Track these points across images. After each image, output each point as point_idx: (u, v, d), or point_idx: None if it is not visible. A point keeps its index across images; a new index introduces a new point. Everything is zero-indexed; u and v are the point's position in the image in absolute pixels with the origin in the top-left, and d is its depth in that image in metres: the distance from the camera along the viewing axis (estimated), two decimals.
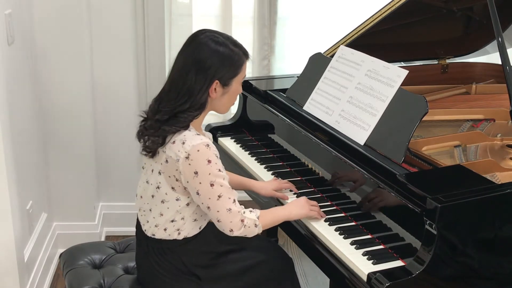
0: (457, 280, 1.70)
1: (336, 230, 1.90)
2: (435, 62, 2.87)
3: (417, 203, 1.69)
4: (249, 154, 2.47)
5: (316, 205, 1.99)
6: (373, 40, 2.52)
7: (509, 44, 2.49)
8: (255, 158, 2.42)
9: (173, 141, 1.79)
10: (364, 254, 1.77)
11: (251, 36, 3.24)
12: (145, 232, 1.93)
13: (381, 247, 1.81)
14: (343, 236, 1.87)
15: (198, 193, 1.79)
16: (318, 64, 2.38)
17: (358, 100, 2.11)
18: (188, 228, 1.89)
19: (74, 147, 3.03)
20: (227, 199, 1.81)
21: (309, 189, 2.17)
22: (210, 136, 2.01)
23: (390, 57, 2.33)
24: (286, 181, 2.18)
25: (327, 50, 2.57)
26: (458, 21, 2.76)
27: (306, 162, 2.26)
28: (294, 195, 2.13)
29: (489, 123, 2.39)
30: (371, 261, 1.74)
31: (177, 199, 1.84)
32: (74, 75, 2.92)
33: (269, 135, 2.50)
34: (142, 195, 1.94)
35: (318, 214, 1.96)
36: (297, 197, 2.10)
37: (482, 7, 2.60)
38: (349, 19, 2.97)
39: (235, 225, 1.82)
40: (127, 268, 2.11)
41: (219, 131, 2.64)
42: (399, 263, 1.72)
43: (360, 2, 3.21)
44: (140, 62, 3.14)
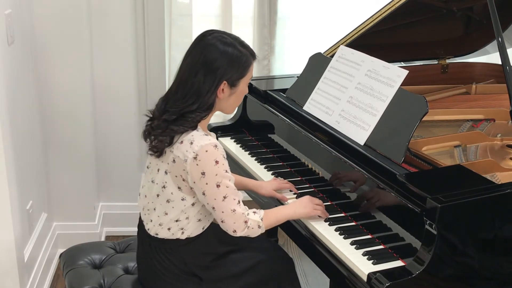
0: (457, 280, 1.70)
1: (336, 230, 1.90)
2: (435, 62, 2.87)
3: (417, 203, 1.69)
4: (249, 154, 2.47)
5: (321, 204, 1.99)
6: (373, 40, 2.52)
7: (509, 44, 2.49)
8: (255, 158, 2.42)
9: (181, 141, 1.79)
10: (364, 254, 1.77)
11: (251, 36, 3.24)
12: (148, 231, 1.93)
13: (381, 247, 1.81)
14: (343, 236, 1.87)
15: (204, 194, 1.79)
16: (318, 64, 2.38)
17: (358, 100, 2.11)
18: (192, 228, 1.89)
19: (74, 147, 3.03)
20: (232, 200, 1.81)
21: (309, 189, 2.17)
22: (214, 136, 2.01)
23: (390, 57, 2.33)
24: (286, 181, 2.18)
25: (327, 50, 2.57)
26: (458, 21, 2.76)
27: (306, 162, 2.26)
28: (294, 195, 2.13)
29: (489, 123, 2.39)
30: (371, 261, 1.73)
31: (183, 199, 1.84)
32: (74, 75, 2.92)
33: (269, 135, 2.50)
34: (147, 194, 1.94)
35: (322, 213, 1.96)
36: (297, 198, 2.10)
37: (482, 7, 2.60)
38: (349, 19, 2.97)
39: (239, 226, 1.83)
40: (127, 268, 2.11)
41: (219, 131, 2.64)
42: (399, 263, 1.72)
43: (360, 2, 3.21)
44: (140, 62, 3.14)
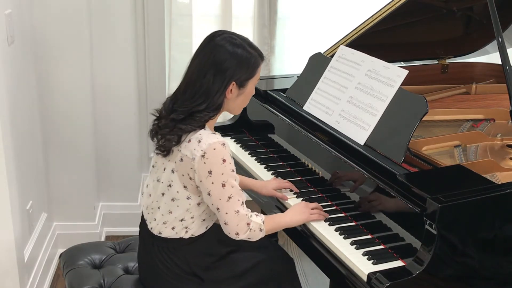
0: (457, 280, 1.70)
1: (336, 230, 1.90)
2: (435, 62, 2.87)
3: (417, 203, 1.69)
4: (249, 154, 2.47)
5: (317, 207, 1.98)
6: (373, 40, 2.52)
7: (509, 44, 2.48)
8: (255, 158, 2.42)
9: (189, 140, 1.80)
10: (364, 254, 1.77)
11: (251, 36, 3.25)
12: (151, 230, 1.93)
13: (381, 247, 1.81)
14: (343, 236, 1.87)
15: (209, 194, 1.79)
16: (318, 64, 2.38)
17: (358, 100, 2.11)
18: (196, 227, 1.89)
19: (74, 147, 3.03)
20: (236, 201, 1.81)
21: (309, 189, 2.17)
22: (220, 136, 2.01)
23: (390, 57, 2.33)
24: (286, 181, 2.18)
25: (327, 50, 2.57)
26: (458, 21, 2.76)
27: (306, 162, 2.26)
28: (294, 195, 2.13)
29: (489, 123, 2.39)
30: (371, 261, 1.73)
31: (188, 198, 1.84)
32: (74, 75, 2.92)
33: (269, 135, 2.50)
34: (151, 193, 1.94)
35: (320, 216, 1.96)
36: (297, 197, 2.10)
37: (482, 7, 2.60)
38: (349, 19, 2.97)
39: (241, 228, 1.82)
40: (127, 268, 2.11)
41: (219, 131, 2.61)
42: (399, 263, 1.72)
43: (360, 2, 3.21)
44: (140, 62, 3.14)
